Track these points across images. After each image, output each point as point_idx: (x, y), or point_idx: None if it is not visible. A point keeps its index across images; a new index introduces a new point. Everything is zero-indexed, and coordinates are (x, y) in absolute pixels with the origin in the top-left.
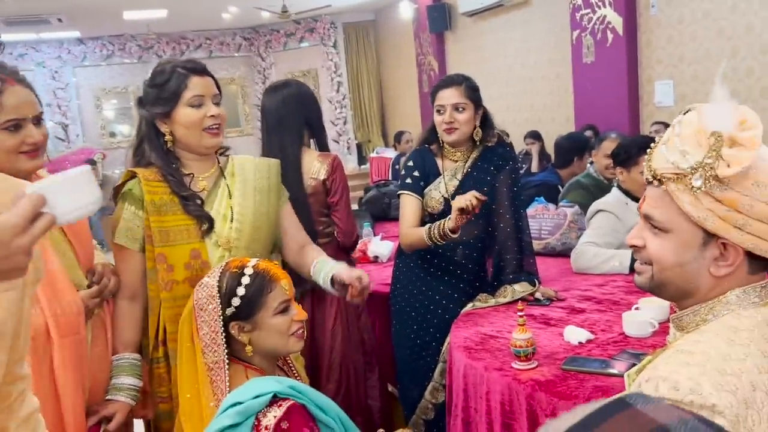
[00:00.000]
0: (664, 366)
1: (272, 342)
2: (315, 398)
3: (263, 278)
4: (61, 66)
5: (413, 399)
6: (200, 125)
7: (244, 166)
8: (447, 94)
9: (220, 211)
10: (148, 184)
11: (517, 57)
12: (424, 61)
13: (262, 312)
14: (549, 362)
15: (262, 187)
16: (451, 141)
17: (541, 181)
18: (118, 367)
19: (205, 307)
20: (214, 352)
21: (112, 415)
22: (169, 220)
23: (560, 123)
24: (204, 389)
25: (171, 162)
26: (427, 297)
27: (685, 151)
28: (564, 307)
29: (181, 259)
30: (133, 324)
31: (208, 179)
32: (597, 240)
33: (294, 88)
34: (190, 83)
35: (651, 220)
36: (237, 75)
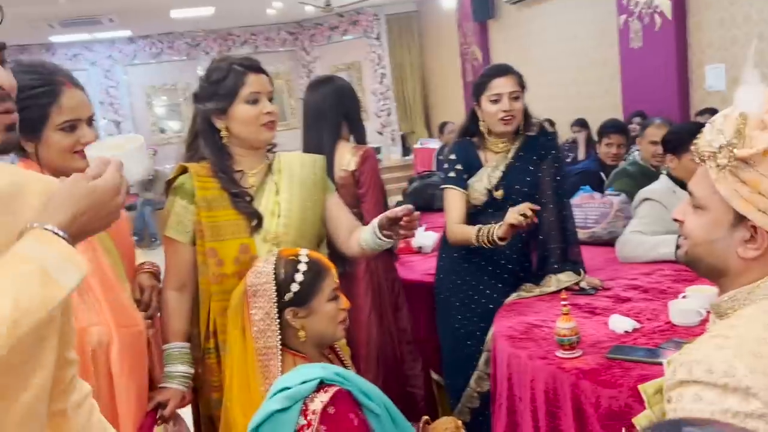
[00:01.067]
0: (699, 350)
1: (323, 328)
2: (361, 385)
3: (318, 265)
4: (113, 65)
5: (458, 388)
6: (257, 121)
7: (290, 163)
8: (503, 82)
9: (268, 206)
10: (200, 180)
11: (562, 44)
12: (467, 50)
13: (318, 298)
14: (594, 351)
15: (308, 183)
16: (507, 131)
17: (582, 169)
18: (170, 355)
19: (261, 293)
20: (268, 338)
21: (167, 401)
22: (219, 216)
23: (607, 110)
24: (253, 375)
25: (224, 158)
26: (471, 287)
27: (721, 131)
28: (609, 296)
29: (230, 253)
30: (182, 314)
31: (257, 175)
32: (643, 229)
33: (333, 84)
34: (247, 80)
35: (692, 197)
36: (282, 70)
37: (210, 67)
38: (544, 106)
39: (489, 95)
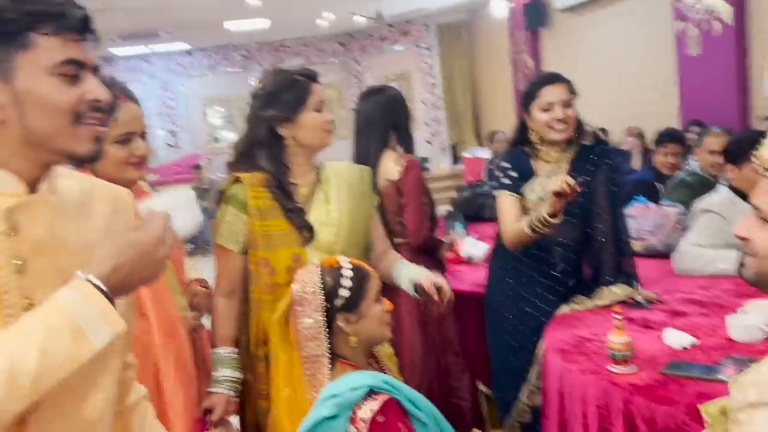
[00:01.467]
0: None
1: (373, 330)
2: (409, 394)
3: (361, 270)
4: (171, 77)
5: (508, 401)
6: (323, 128)
7: (338, 172)
8: (554, 90)
9: (319, 216)
10: (253, 190)
11: (616, 51)
12: (518, 59)
13: (366, 301)
14: (648, 366)
15: (356, 193)
16: (560, 139)
17: (638, 179)
18: (218, 360)
19: (308, 302)
20: (317, 346)
21: (213, 406)
22: (271, 225)
23: (663, 118)
24: (300, 383)
25: (282, 170)
26: (522, 299)
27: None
28: (665, 310)
29: (282, 262)
30: (231, 320)
31: (308, 186)
32: (702, 241)
33: (384, 94)
34: (313, 89)
35: (757, 211)
36: (333, 80)
37: (270, 78)
38: (597, 115)
39: (540, 103)
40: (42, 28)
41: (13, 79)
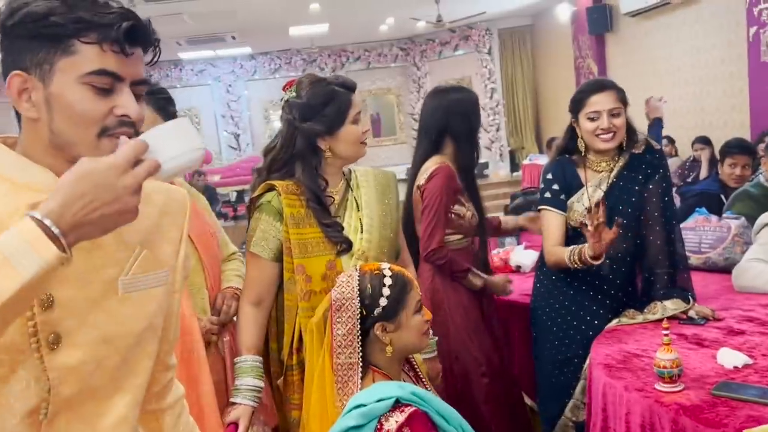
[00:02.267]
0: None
1: (411, 340)
2: (437, 406)
3: (402, 279)
4: (235, 80)
5: (553, 415)
6: (360, 139)
7: (367, 178)
8: (601, 98)
9: (351, 223)
10: (288, 198)
11: (685, 57)
12: (582, 64)
13: (405, 311)
14: (697, 386)
15: (384, 199)
16: (607, 148)
17: (702, 190)
18: (241, 368)
19: (345, 308)
20: (349, 354)
21: (238, 419)
22: (307, 233)
23: (733, 128)
24: (330, 390)
25: (318, 183)
26: (570, 311)
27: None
28: (721, 327)
29: (318, 270)
30: (257, 328)
31: (338, 194)
32: (764, 256)
33: (445, 96)
34: (353, 102)
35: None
36: (393, 85)
37: (308, 88)
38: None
39: (587, 112)
40: (85, 36)
41: (49, 82)
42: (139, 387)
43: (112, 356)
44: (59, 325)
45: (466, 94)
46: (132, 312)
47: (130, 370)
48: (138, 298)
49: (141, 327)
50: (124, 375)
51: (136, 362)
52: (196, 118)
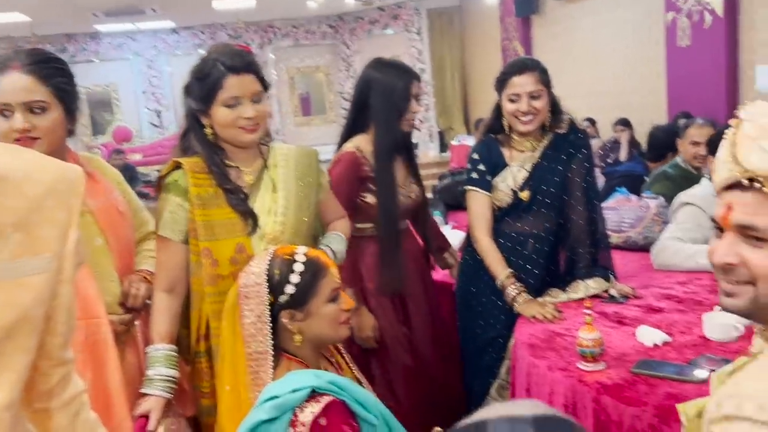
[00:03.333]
0: (750, 382)
1: (323, 330)
2: (356, 394)
3: (315, 265)
4: (156, 55)
5: (479, 395)
6: (235, 125)
7: (286, 157)
8: (522, 80)
9: (265, 204)
10: (194, 176)
11: (606, 41)
12: (509, 45)
13: (316, 299)
14: (618, 364)
15: (304, 179)
16: (527, 131)
17: (626, 171)
18: (153, 358)
19: (253, 295)
20: (260, 343)
21: (149, 411)
22: (214, 214)
23: (652, 110)
24: (244, 380)
25: (215, 153)
26: (495, 291)
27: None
28: (641, 305)
29: (226, 253)
30: (170, 316)
31: (253, 173)
32: (681, 235)
33: (376, 71)
34: (226, 83)
35: (752, 231)
36: (322, 63)
37: (199, 61)
38: (586, 104)
39: (508, 94)
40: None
41: None
42: (14, 383)
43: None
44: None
45: (396, 75)
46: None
47: (1, 365)
48: (6, 287)
49: (10, 319)
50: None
51: (8, 357)
52: (114, 94)
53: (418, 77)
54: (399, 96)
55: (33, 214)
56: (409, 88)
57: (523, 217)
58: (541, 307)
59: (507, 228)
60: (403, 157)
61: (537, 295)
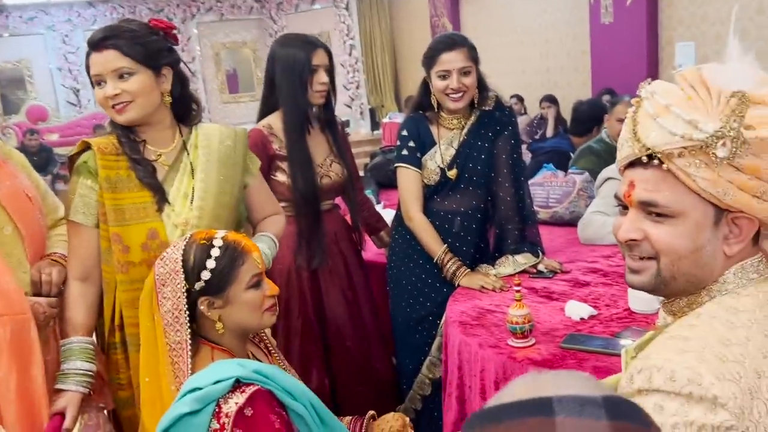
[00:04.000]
0: (658, 354)
1: (244, 318)
2: (283, 383)
3: (234, 250)
4: (72, 30)
5: (410, 372)
6: (105, 105)
7: (209, 137)
8: (452, 57)
9: (181, 188)
10: (104, 158)
11: (533, 18)
12: (438, 23)
13: (234, 286)
14: (548, 340)
15: (227, 162)
16: (458, 108)
17: (552, 148)
18: (68, 351)
19: (168, 282)
20: (177, 332)
21: (65, 408)
22: (124, 198)
23: (577, 87)
24: (165, 372)
25: (128, 131)
26: (425, 269)
27: (694, 121)
28: (568, 279)
29: (137, 239)
30: (86, 306)
31: (169, 154)
32: (606, 209)
33: (282, 46)
34: (90, 62)
35: (653, 207)
36: (249, 38)
37: None
38: (513, 82)
39: (437, 70)
40: None
41: None
42: None
43: None
44: None
45: (297, 47)
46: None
47: None
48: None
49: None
50: None
51: None
52: (27, 71)
53: (324, 47)
54: (300, 67)
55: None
56: (311, 58)
57: (451, 195)
58: (486, 278)
59: (435, 206)
60: (325, 134)
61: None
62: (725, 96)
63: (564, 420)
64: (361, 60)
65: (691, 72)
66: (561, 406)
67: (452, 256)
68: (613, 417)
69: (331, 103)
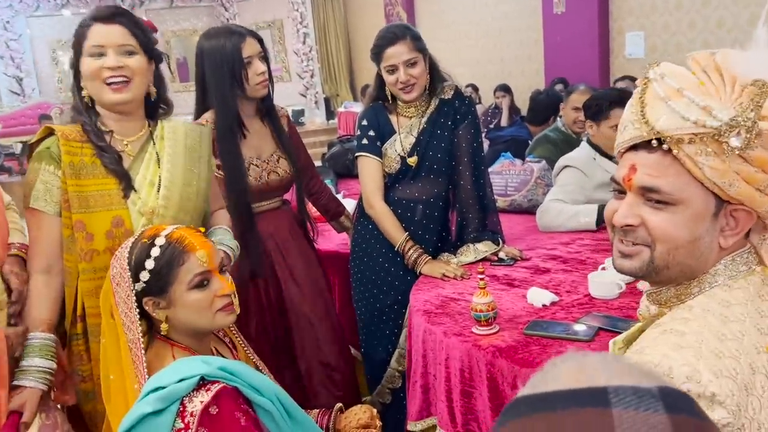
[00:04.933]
0: (653, 348)
1: (192, 319)
2: (249, 379)
3: (174, 249)
4: (13, 16)
5: (376, 365)
6: (98, 77)
7: (175, 131)
8: (395, 51)
9: (147, 176)
10: (68, 144)
11: (486, 9)
12: (392, 12)
13: (175, 286)
14: (511, 327)
15: (193, 155)
16: (411, 99)
17: (511, 136)
18: (28, 347)
19: (119, 281)
20: (130, 330)
21: (22, 406)
22: (89, 184)
23: (530, 76)
24: (128, 369)
25: (90, 116)
26: (387, 259)
27: (708, 107)
28: (528, 267)
29: (101, 227)
30: (49, 300)
31: (134, 143)
32: (563, 197)
33: (207, 40)
34: (90, 32)
35: (654, 193)
36: (200, 26)
37: (78, 26)
38: (468, 71)
39: (384, 66)
40: None
41: None
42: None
43: None
44: None
45: (224, 38)
46: None
47: None
48: None
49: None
50: None
51: None
52: None
53: (253, 33)
54: (229, 59)
55: None
56: (240, 48)
57: (412, 183)
58: (446, 265)
59: (397, 194)
60: (268, 128)
61: None
62: (741, 84)
63: (621, 413)
64: (315, 48)
65: (704, 56)
66: (617, 397)
67: (413, 244)
68: (671, 410)
69: (269, 93)
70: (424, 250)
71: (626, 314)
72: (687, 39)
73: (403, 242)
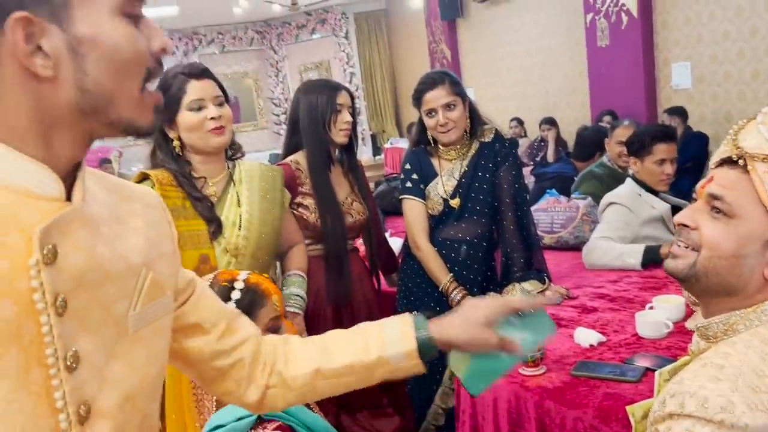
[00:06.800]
0: (692, 380)
1: None
2: (303, 418)
3: (254, 293)
4: None
5: (422, 402)
6: (202, 128)
7: (251, 173)
8: (434, 95)
9: (229, 217)
10: (162, 188)
11: (530, 42)
12: (436, 49)
13: None
14: (558, 367)
15: (267, 197)
16: (450, 141)
17: (556, 173)
18: None
19: None
20: None
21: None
22: (180, 225)
23: (575, 108)
24: (189, 410)
25: (183, 165)
26: (433, 298)
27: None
28: (575, 305)
29: (190, 264)
30: None
31: (218, 184)
32: (609, 234)
33: (302, 91)
34: (188, 88)
35: (718, 201)
36: (250, 69)
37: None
38: (513, 105)
39: (424, 110)
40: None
41: (70, 21)
42: None
43: (135, 418)
44: (85, 391)
45: (320, 90)
46: (145, 354)
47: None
48: (147, 335)
49: (155, 371)
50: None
51: (153, 418)
52: None
53: (347, 90)
54: (323, 107)
55: (151, 250)
56: (334, 98)
57: (455, 224)
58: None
59: (441, 235)
60: (346, 175)
61: None
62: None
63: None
64: (361, 87)
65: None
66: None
67: (457, 285)
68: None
69: (353, 147)
70: (469, 291)
71: (674, 354)
72: (736, 69)
73: (447, 283)
